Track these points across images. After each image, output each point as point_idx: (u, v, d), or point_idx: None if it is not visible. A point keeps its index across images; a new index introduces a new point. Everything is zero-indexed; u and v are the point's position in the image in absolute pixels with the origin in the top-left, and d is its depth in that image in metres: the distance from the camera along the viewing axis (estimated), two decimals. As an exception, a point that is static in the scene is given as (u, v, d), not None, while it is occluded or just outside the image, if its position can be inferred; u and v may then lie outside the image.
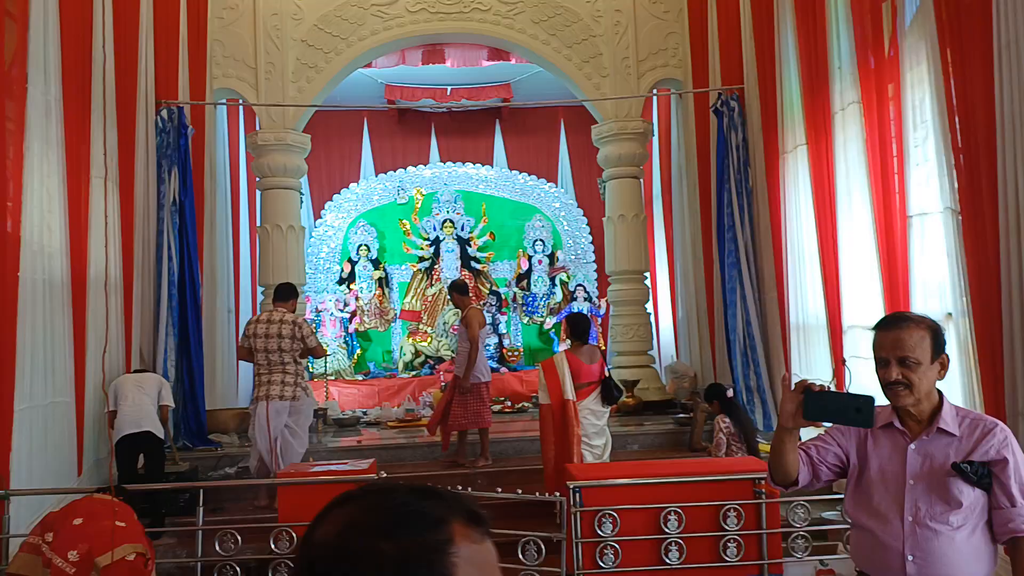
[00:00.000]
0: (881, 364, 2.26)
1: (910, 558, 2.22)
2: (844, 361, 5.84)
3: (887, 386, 2.25)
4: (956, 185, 4.49)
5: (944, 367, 2.25)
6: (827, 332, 6.37)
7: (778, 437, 2.33)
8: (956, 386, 4.51)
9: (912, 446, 2.27)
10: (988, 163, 4.22)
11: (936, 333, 2.25)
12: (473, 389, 6.86)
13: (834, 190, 6.26)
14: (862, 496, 2.36)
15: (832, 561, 4.43)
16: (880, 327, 2.30)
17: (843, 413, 2.17)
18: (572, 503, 4.17)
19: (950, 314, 4.73)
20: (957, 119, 4.46)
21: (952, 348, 4.55)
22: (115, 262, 6.58)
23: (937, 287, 4.95)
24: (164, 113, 7.66)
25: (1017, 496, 2.17)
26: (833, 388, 2.21)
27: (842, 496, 2.54)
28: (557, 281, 12.00)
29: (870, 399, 2.12)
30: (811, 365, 7.02)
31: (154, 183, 7.56)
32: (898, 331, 2.23)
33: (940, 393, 2.31)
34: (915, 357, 2.20)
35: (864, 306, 5.78)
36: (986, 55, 4.21)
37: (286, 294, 6.37)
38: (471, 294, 7.34)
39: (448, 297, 11.61)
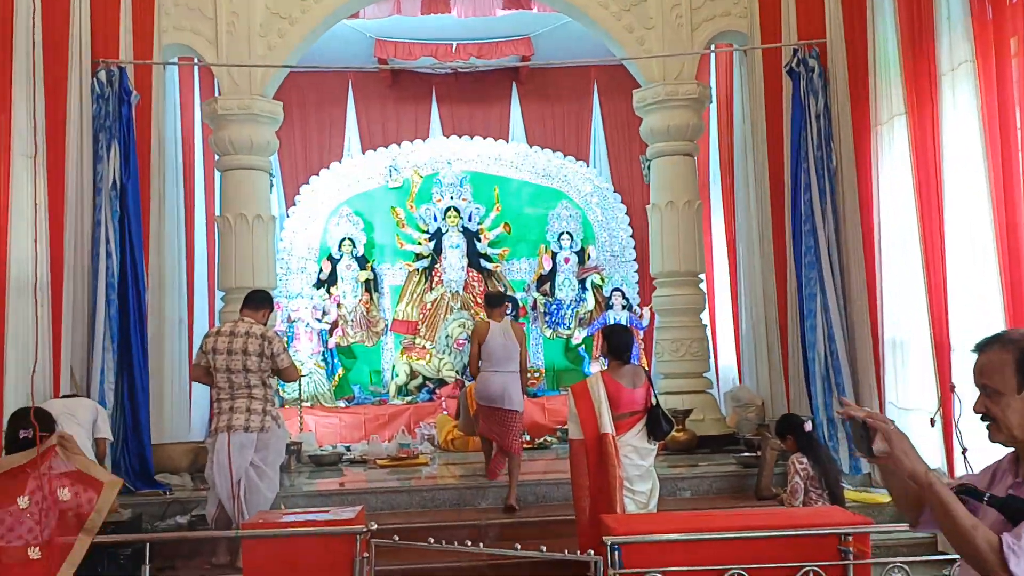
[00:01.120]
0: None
1: None
2: (953, 387, 5.77)
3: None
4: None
5: None
6: (931, 350, 6.32)
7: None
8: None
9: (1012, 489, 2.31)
10: None
11: None
12: (492, 415, 6.99)
13: (941, 171, 6.22)
14: None
15: (938, 639, 4.40)
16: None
17: (859, 442, 2.36)
18: (610, 563, 4.16)
19: (1090, 328, 4.67)
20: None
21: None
22: (42, 259, 6.62)
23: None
24: (102, 75, 7.71)
25: None
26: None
27: (952, 557, 2.52)
28: (588, 284, 12.01)
29: (858, 424, 2.29)
30: (909, 391, 6.97)
31: (89, 162, 7.62)
32: (981, 355, 2.31)
33: None
34: (993, 386, 2.26)
35: (979, 317, 5.72)
36: None
37: (258, 303, 6.41)
38: (499, 306, 7.47)
39: (452, 305, 11.81)
